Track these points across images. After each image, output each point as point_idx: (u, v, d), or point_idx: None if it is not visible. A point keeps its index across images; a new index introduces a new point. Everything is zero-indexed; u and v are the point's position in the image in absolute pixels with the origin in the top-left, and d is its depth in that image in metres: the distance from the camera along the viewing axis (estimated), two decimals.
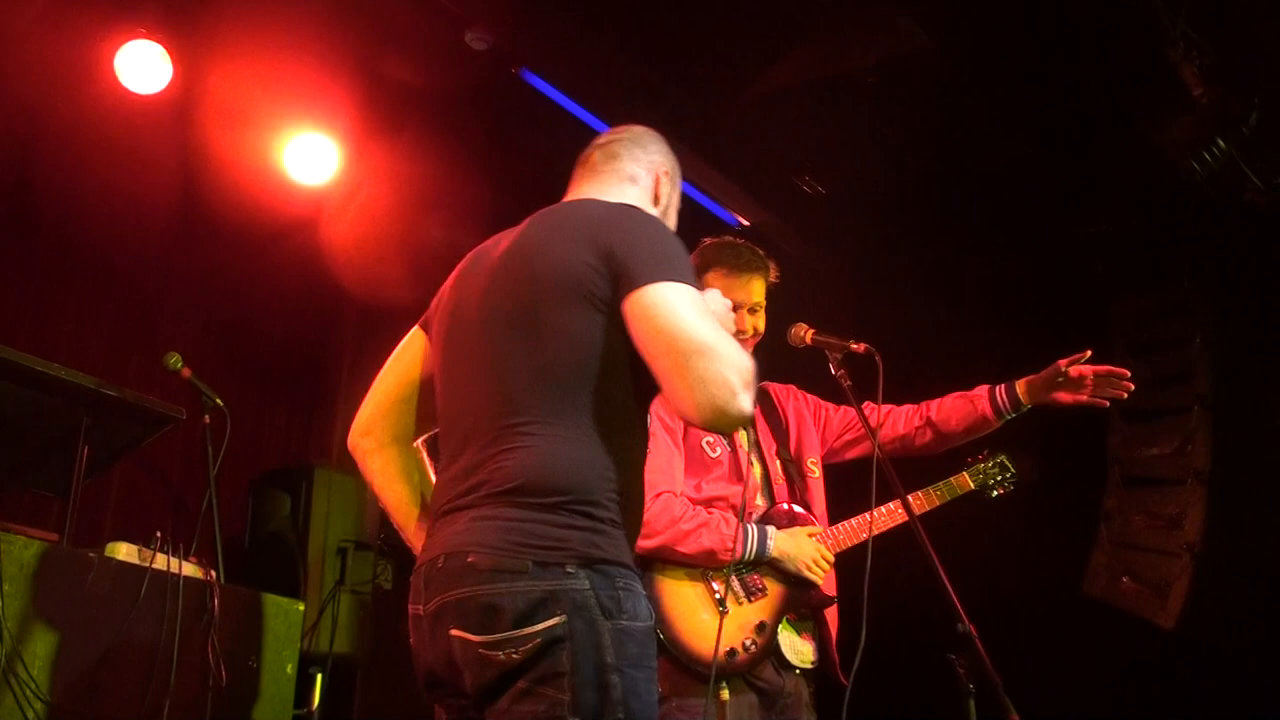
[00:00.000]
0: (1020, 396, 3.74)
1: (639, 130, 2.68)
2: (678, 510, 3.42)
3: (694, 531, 3.41)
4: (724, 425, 2.08)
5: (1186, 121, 4.86)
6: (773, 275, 3.74)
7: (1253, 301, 5.86)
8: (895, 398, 3.78)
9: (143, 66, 5.06)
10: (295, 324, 6.03)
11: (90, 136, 5.06)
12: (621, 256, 2.17)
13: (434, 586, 2.18)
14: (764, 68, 5.39)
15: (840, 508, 3.72)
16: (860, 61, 5.23)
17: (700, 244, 3.74)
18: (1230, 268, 5.94)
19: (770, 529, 3.51)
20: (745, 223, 6.54)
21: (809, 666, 3.49)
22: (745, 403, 2.05)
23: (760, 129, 5.77)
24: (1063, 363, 3.66)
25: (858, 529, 3.61)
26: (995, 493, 3.90)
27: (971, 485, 3.85)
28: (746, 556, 3.45)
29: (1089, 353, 3.62)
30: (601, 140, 2.65)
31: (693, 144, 5.90)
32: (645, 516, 3.37)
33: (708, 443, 3.60)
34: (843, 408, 3.87)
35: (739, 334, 3.65)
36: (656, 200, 2.58)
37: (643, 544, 3.40)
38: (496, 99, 5.55)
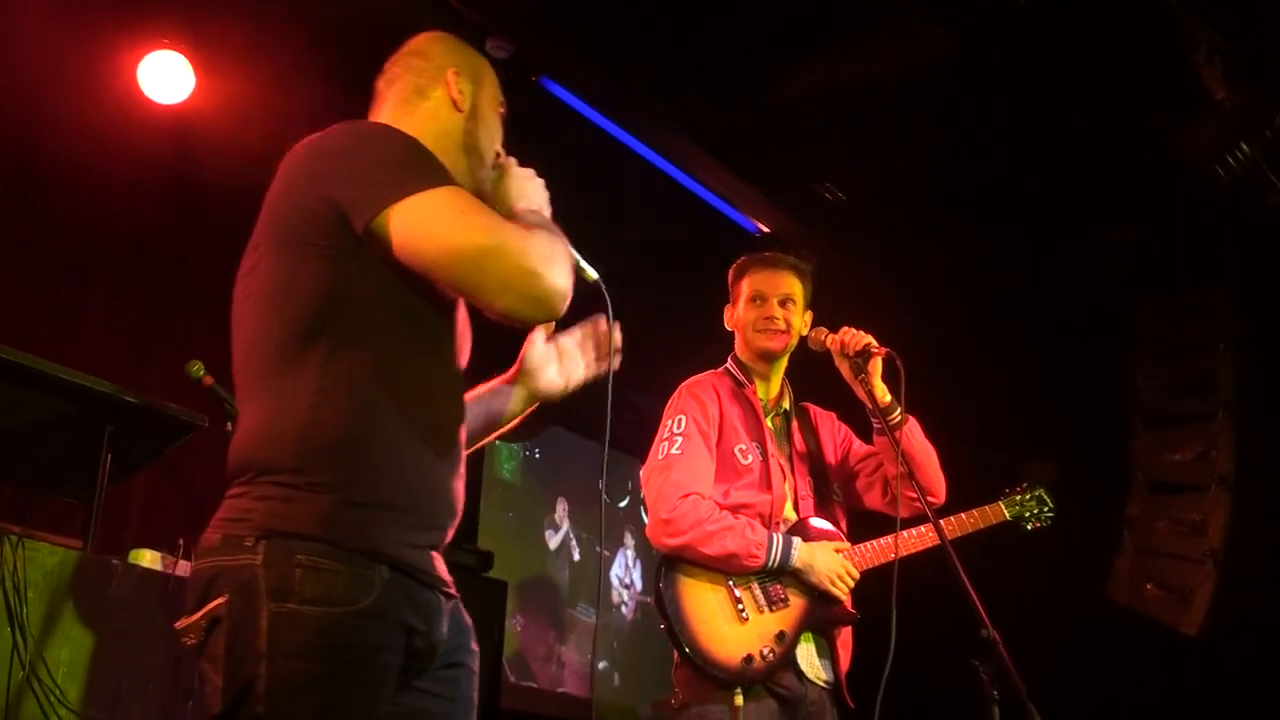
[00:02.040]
0: None
1: (420, 39, 2.42)
2: (704, 512, 3.42)
3: (718, 533, 3.40)
4: (550, 312, 2.01)
5: (1209, 125, 4.83)
6: (808, 275, 3.76)
7: (1277, 306, 5.82)
8: (916, 403, 3.76)
9: (165, 76, 5.11)
10: None
11: (113, 144, 5.09)
12: (346, 191, 1.98)
13: None
14: (784, 74, 5.39)
15: (866, 532, 3.68)
16: (882, 67, 5.22)
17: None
18: (1254, 272, 5.90)
19: (796, 539, 3.49)
20: (765, 229, 6.53)
21: (822, 685, 3.46)
22: (553, 278, 1.96)
23: (781, 135, 5.76)
24: None
25: (885, 548, 3.55)
26: (1030, 526, 3.80)
27: (1006, 515, 3.77)
28: (770, 565, 3.43)
29: None
30: (385, 67, 2.41)
31: (713, 150, 5.90)
32: (670, 515, 3.40)
33: (740, 450, 3.58)
34: (868, 446, 3.80)
35: (768, 320, 3.66)
36: (458, 105, 2.33)
37: (667, 542, 3.44)
38: (517, 107, 5.55)
